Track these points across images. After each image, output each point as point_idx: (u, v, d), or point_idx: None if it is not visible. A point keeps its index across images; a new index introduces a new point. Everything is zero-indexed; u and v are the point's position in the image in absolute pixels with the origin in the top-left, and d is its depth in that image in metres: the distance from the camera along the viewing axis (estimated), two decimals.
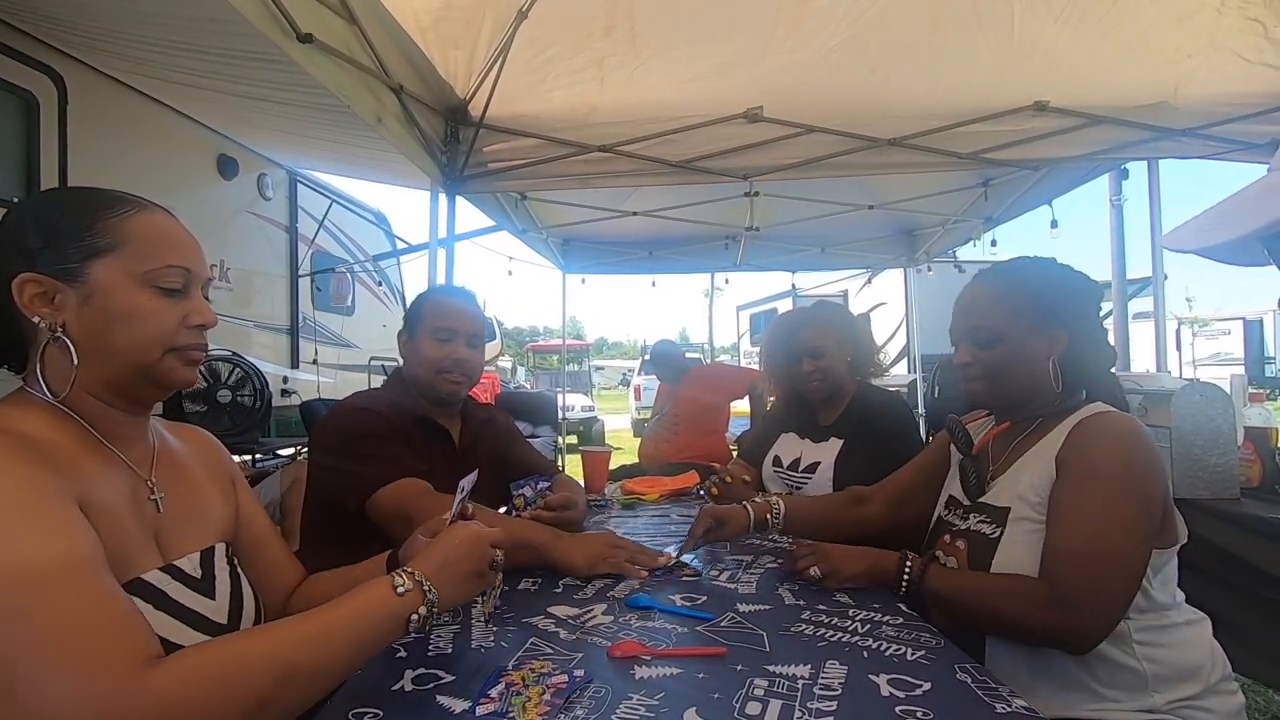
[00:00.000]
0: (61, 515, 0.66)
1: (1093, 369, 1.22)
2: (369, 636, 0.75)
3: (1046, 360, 1.18)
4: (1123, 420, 1.12)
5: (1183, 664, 1.08)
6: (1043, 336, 1.18)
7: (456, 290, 1.69)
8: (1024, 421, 1.24)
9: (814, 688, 0.84)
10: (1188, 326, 15.03)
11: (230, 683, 0.64)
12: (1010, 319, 1.19)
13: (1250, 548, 1.81)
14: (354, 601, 0.76)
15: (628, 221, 4.43)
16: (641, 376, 14.34)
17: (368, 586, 0.79)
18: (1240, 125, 2.42)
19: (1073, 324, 1.19)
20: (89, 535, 0.67)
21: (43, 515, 0.64)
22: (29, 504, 0.64)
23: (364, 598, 0.77)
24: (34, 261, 0.74)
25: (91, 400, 0.78)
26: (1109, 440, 1.09)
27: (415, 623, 0.78)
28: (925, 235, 4.93)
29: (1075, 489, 1.07)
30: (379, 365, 5.83)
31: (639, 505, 2.14)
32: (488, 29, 2.23)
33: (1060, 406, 1.19)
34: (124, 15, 2.63)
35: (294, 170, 4.95)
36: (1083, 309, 1.21)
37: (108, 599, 0.64)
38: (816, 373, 1.95)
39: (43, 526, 0.63)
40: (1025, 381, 1.20)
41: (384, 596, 0.78)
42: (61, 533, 0.64)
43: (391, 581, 0.79)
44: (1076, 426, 1.13)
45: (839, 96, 2.51)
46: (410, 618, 0.78)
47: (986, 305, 1.22)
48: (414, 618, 0.78)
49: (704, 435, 3.76)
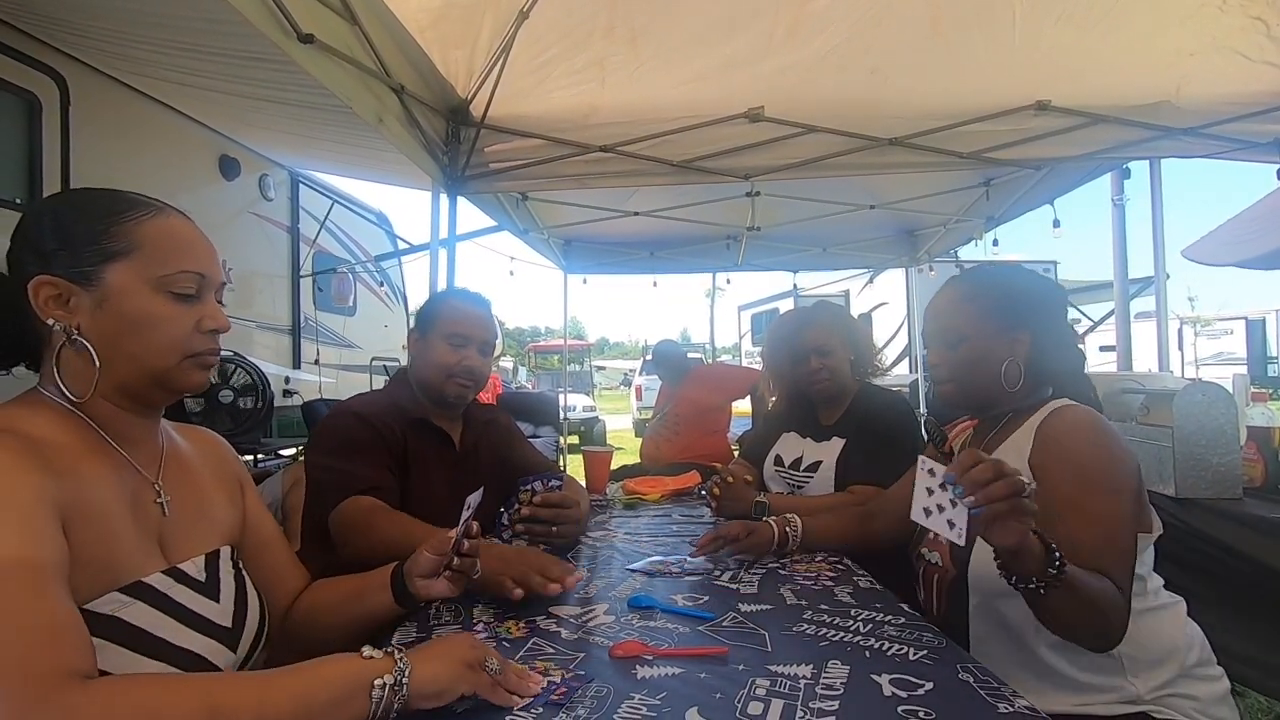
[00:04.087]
0: (27, 519, 0.64)
1: (1060, 370, 1.25)
2: (320, 696, 0.67)
3: (1007, 360, 1.21)
4: (1086, 413, 1.14)
5: (1157, 647, 1.10)
6: (1005, 338, 1.21)
7: (473, 296, 1.67)
8: (993, 419, 1.28)
9: (816, 687, 0.84)
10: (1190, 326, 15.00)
11: (154, 715, 0.60)
12: (974, 321, 1.23)
13: (1253, 548, 1.80)
14: (317, 663, 0.71)
15: (629, 221, 4.43)
16: (643, 377, 14.34)
17: (328, 659, 0.72)
18: (1242, 124, 2.42)
19: (1036, 326, 1.22)
20: (56, 542, 0.66)
21: (8, 516, 0.63)
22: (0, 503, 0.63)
23: (322, 663, 0.71)
24: (50, 264, 0.75)
25: (102, 403, 0.78)
26: (1082, 434, 1.10)
27: (379, 690, 0.69)
28: (927, 235, 4.93)
29: (1072, 488, 1.07)
30: (380, 366, 5.84)
31: (640, 505, 2.15)
32: (488, 29, 2.23)
33: (1025, 404, 1.23)
34: (126, 16, 2.64)
35: (296, 171, 4.95)
36: (1045, 312, 1.25)
37: (46, 609, 0.62)
38: (824, 370, 1.95)
39: (5, 527, 0.63)
40: (989, 382, 1.22)
41: (347, 660, 0.72)
42: (18, 536, 0.63)
43: (361, 650, 0.73)
44: (1043, 424, 1.15)
45: (840, 96, 2.51)
46: (374, 683, 0.69)
47: (953, 308, 1.26)
48: (377, 683, 0.69)
49: (705, 435, 3.76)
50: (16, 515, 0.64)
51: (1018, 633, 1.11)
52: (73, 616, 0.64)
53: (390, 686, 0.70)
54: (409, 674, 0.71)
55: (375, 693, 0.69)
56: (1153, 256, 4.28)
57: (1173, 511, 1.91)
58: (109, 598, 0.71)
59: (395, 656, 0.72)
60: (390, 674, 0.71)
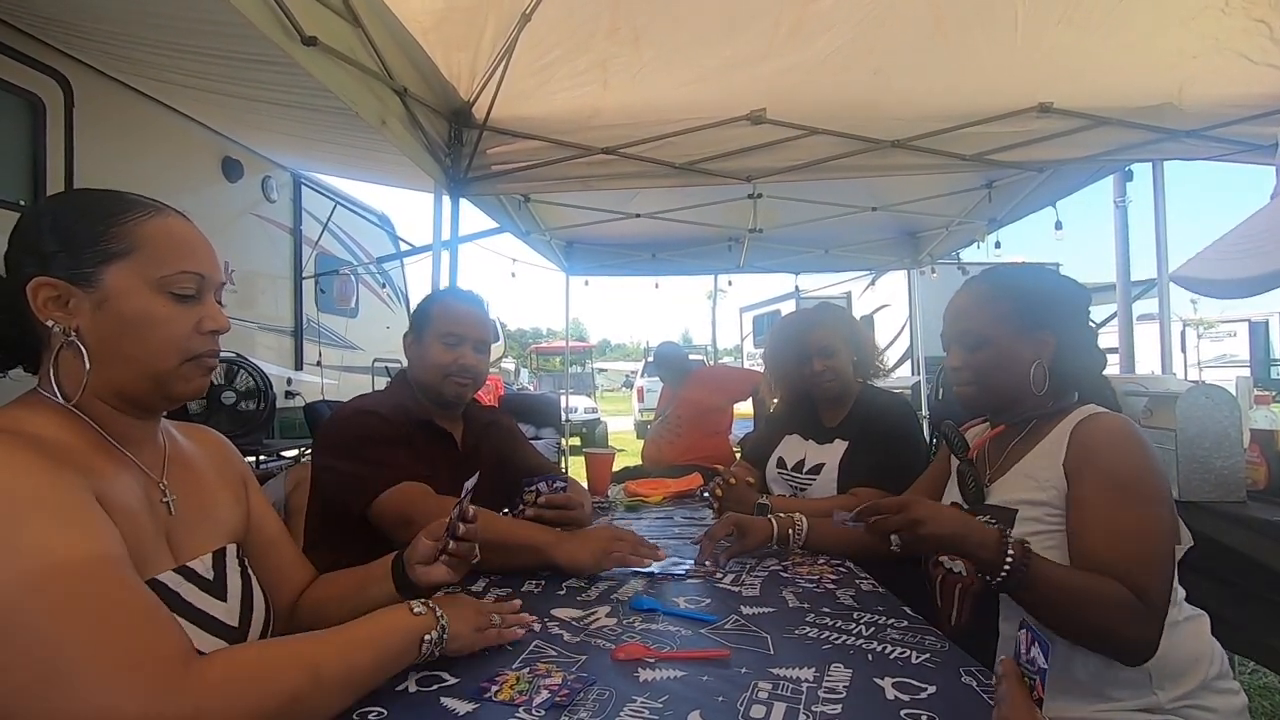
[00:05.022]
0: (88, 513, 0.66)
1: (1083, 373, 1.23)
2: (389, 651, 0.80)
3: (1034, 364, 1.18)
4: (1122, 422, 1.13)
5: (1183, 658, 1.09)
6: (1029, 340, 1.19)
7: (464, 294, 1.68)
8: (1017, 424, 1.25)
9: (818, 691, 0.84)
10: (1193, 328, 14.95)
11: (266, 678, 0.67)
12: (997, 323, 1.21)
13: (1257, 551, 1.80)
14: (375, 618, 0.83)
15: (631, 223, 4.43)
16: (644, 378, 14.34)
17: (385, 611, 0.85)
18: (1245, 126, 2.42)
19: (1060, 328, 1.20)
20: (114, 533, 0.68)
21: (70, 514, 0.65)
22: (56, 503, 0.64)
23: (383, 615, 0.84)
24: (49, 265, 0.75)
25: (101, 405, 0.78)
26: (1120, 444, 1.09)
27: (428, 644, 0.84)
28: (929, 237, 4.92)
29: (1108, 497, 1.05)
30: (382, 367, 5.84)
31: (642, 507, 2.15)
32: (491, 31, 2.23)
33: (1053, 409, 1.20)
34: (129, 18, 2.65)
35: (298, 172, 4.96)
36: (1070, 313, 1.22)
37: (142, 596, 0.66)
38: (828, 371, 1.95)
39: (72, 525, 0.64)
40: (1013, 384, 1.21)
41: (402, 615, 0.85)
42: (90, 531, 0.65)
43: (408, 605, 0.86)
44: (1076, 430, 1.13)
45: (842, 98, 2.51)
46: (424, 637, 0.84)
47: (975, 310, 1.24)
48: (427, 638, 0.84)
49: (707, 437, 3.76)
50: (73, 512, 0.65)
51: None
52: (158, 599, 0.69)
53: (434, 641, 0.85)
54: (447, 625, 0.86)
55: (425, 647, 0.84)
56: (1155, 258, 4.27)
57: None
58: None
59: (437, 614, 0.86)
60: (435, 630, 0.85)
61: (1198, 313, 14.54)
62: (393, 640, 0.81)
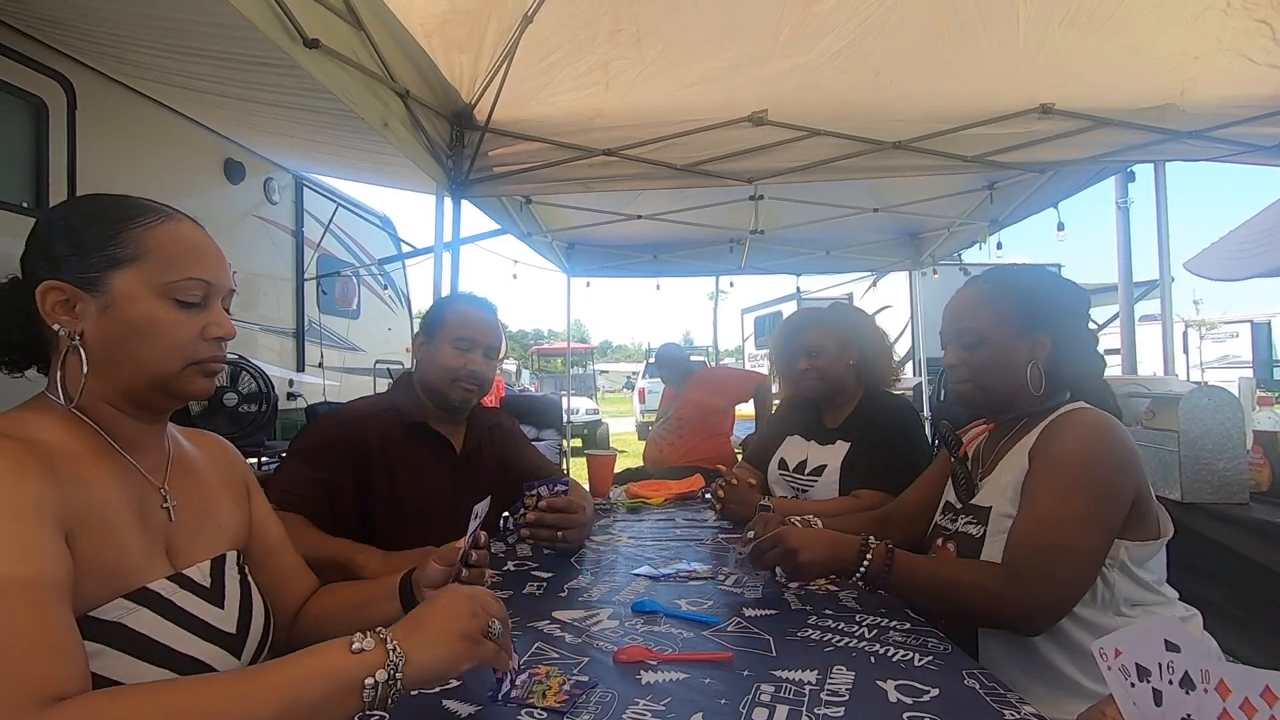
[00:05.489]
0: (29, 531, 0.64)
1: (1080, 374, 1.23)
2: (302, 704, 0.63)
3: (1030, 364, 1.20)
4: (1096, 416, 1.14)
5: None
6: (1027, 340, 1.20)
7: (480, 301, 1.68)
8: (1010, 422, 1.27)
9: (821, 693, 0.84)
10: (1195, 329, 14.92)
11: None
12: (995, 322, 1.22)
13: (1259, 552, 1.79)
14: (295, 660, 0.66)
15: (632, 225, 4.44)
16: (646, 380, 14.34)
17: (312, 650, 0.68)
18: (1248, 127, 2.41)
19: (1056, 329, 1.21)
20: (57, 557, 0.65)
21: (8, 530, 0.62)
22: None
23: (307, 656, 0.67)
24: (58, 269, 0.75)
25: (107, 408, 0.78)
26: (1075, 434, 1.11)
27: (370, 690, 0.65)
28: (930, 238, 4.92)
29: (1038, 479, 1.10)
30: (384, 368, 5.85)
31: (644, 509, 2.14)
32: (493, 33, 2.24)
33: (1043, 407, 1.22)
34: (132, 21, 2.65)
35: (300, 174, 4.97)
36: (1068, 315, 1.23)
37: (46, 627, 0.60)
38: (811, 371, 1.95)
39: (4, 542, 0.62)
40: (1009, 384, 1.22)
41: (333, 655, 0.67)
42: (20, 551, 0.62)
43: (350, 640, 0.68)
44: (1050, 423, 1.16)
45: (844, 100, 2.51)
46: (365, 681, 0.65)
47: (973, 309, 1.25)
48: (369, 681, 0.65)
49: (708, 438, 3.76)
50: (15, 528, 0.63)
51: (1028, 640, 1.10)
52: (66, 634, 0.62)
53: (383, 684, 0.66)
54: (403, 666, 0.67)
55: (367, 694, 0.65)
56: (1157, 259, 4.27)
57: (1178, 516, 1.89)
58: (115, 604, 0.71)
59: (388, 647, 0.67)
60: (384, 668, 0.66)
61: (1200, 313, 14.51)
62: (308, 690, 0.63)
